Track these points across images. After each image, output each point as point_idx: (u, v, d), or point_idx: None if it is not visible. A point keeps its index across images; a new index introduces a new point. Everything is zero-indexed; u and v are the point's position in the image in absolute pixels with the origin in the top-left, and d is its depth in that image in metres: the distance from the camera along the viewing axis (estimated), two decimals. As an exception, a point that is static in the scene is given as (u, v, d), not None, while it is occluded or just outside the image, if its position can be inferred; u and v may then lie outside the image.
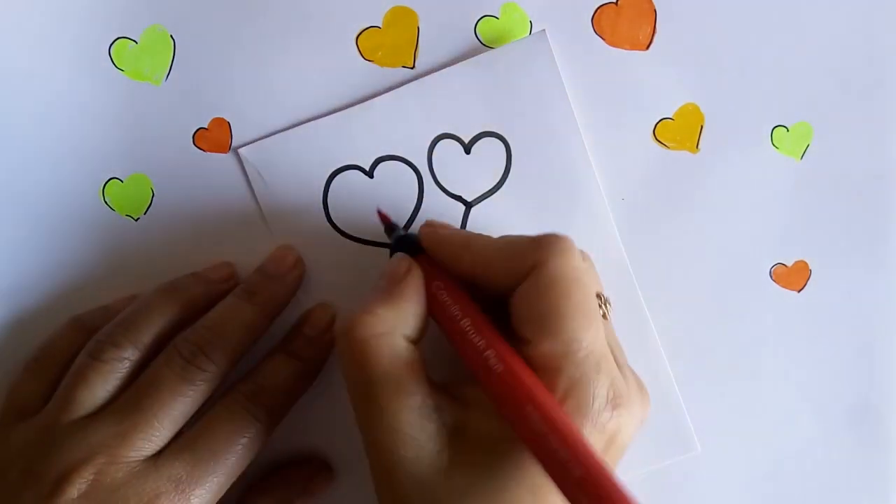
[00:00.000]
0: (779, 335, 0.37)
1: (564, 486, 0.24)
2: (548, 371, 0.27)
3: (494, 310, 0.29)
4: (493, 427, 0.27)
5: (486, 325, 0.28)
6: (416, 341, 0.29)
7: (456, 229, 0.31)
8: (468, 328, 0.28)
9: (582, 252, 0.31)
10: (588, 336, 0.27)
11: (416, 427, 0.27)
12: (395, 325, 0.28)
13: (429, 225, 0.31)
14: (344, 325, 0.28)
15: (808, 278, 0.37)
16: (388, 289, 0.29)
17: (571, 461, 0.24)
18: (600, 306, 0.30)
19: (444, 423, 0.27)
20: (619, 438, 0.27)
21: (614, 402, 0.27)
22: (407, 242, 0.31)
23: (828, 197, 0.36)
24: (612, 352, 0.29)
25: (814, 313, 0.37)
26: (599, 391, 0.27)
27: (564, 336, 0.27)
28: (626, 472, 0.36)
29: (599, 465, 0.24)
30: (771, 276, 0.36)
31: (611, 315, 0.32)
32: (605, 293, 0.32)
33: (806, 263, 0.36)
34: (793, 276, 0.37)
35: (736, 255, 0.36)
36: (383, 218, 0.33)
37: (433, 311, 0.29)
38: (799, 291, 0.37)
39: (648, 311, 0.36)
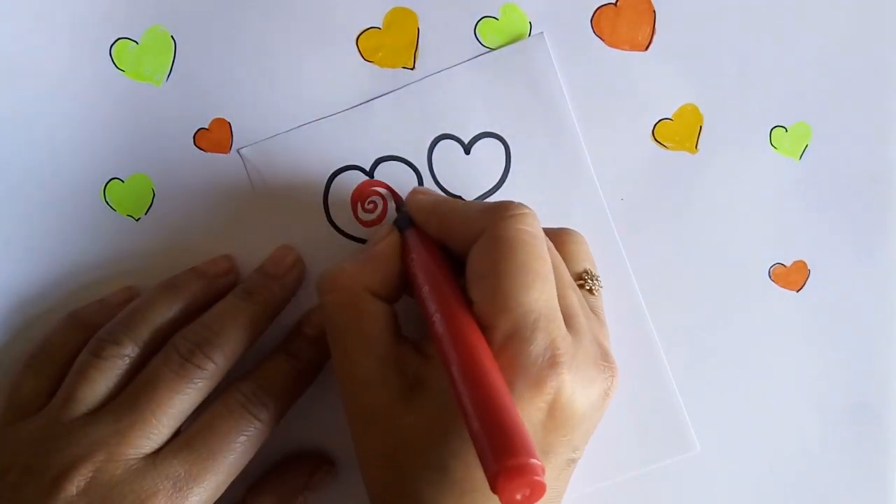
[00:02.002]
0: (778, 335, 0.37)
1: (470, 428, 0.24)
2: (487, 329, 0.28)
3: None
4: (444, 380, 0.27)
5: (447, 291, 0.29)
6: (387, 299, 0.31)
7: (434, 194, 0.33)
8: (425, 295, 0.29)
9: (572, 231, 0.33)
10: (527, 295, 0.27)
11: (375, 374, 0.29)
12: (362, 280, 0.30)
13: (413, 192, 0.34)
14: (319, 280, 0.31)
15: (807, 278, 0.37)
16: (364, 249, 0.32)
17: (473, 413, 0.24)
18: (586, 280, 0.32)
19: (405, 373, 0.29)
20: (564, 399, 0.27)
21: (552, 360, 0.27)
22: (404, 216, 0.33)
23: (826, 197, 0.36)
24: (579, 319, 0.29)
25: (812, 313, 0.37)
26: (535, 348, 0.27)
27: (500, 294, 0.27)
28: (625, 471, 0.36)
29: (507, 419, 0.24)
30: (770, 276, 0.37)
31: (598, 291, 0.32)
32: (597, 272, 0.33)
33: (805, 263, 0.37)
34: (792, 276, 0.37)
35: (735, 255, 0.36)
36: (395, 197, 0.34)
37: (406, 271, 0.31)
38: (798, 291, 0.37)
39: (648, 310, 0.36)
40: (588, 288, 0.32)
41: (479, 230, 0.29)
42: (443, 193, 0.35)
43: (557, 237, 0.32)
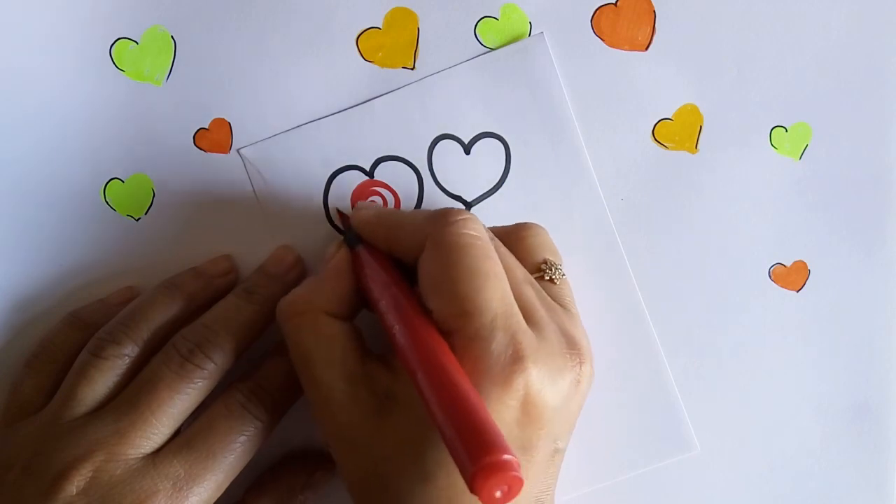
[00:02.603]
0: (778, 335, 0.37)
1: (443, 434, 0.25)
2: (447, 334, 0.28)
3: None
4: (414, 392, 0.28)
5: (404, 302, 0.29)
6: (346, 317, 0.31)
7: (376, 208, 0.34)
8: (382, 308, 0.29)
9: (531, 224, 0.33)
10: (479, 295, 0.28)
11: (345, 394, 0.29)
12: (318, 302, 0.30)
13: (356, 208, 0.34)
14: (278, 309, 0.31)
15: (807, 278, 0.37)
16: (319, 270, 0.32)
17: (443, 418, 0.24)
18: (545, 271, 0.32)
19: (375, 390, 0.29)
20: (533, 393, 0.27)
21: (515, 356, 0.27)
22: (353, 233, 0.33)
23: (827, 197, 0.36)
24: (537, 312, 0.29)
25: (813, 313, 0.37)
26: (496, 346, 0.27)
27: (454, 299, 0.28)
28: (625, 471, 0.36)
29: (477, 420, 0.24)
30: (770, 276, 0.37)
31: (562, 280, 0.32)
32: (558, 261, 0.33)
33: (805, 263, 0.37)
34: (792, 276, 0.37)
35: (735, 256, 0.36)
36: (339, 216, 0.34)
37: (362, 286, 0.31)
38: (798, 291, 0.37)
39: (647, 311, 0.36)
40: (549, 278, 0.32)
41: (424, 239, 0.29)
42: (384, 207, 0.35)
43: (514, 233, 0.32)
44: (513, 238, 0.32)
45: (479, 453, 0.23)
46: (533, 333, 0.28)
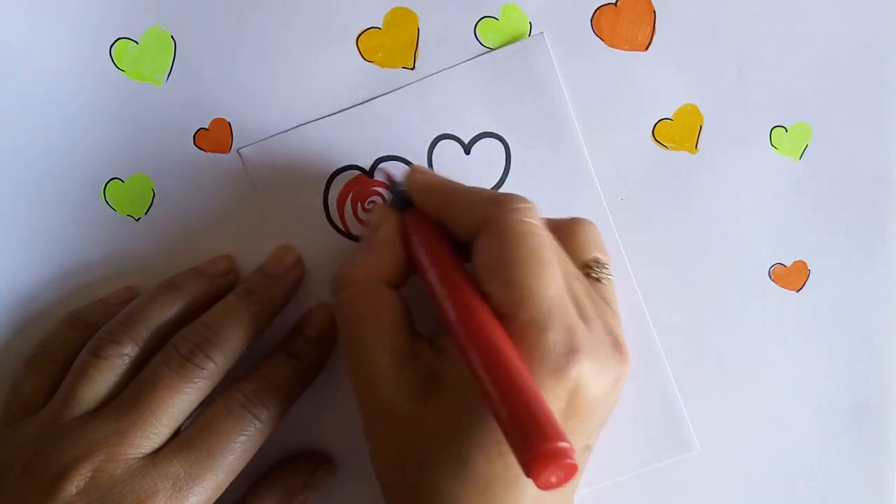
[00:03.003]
0: (778, 335, 0.37)
1: (498, 416, 0.24)
2: (503, 319, 0.28)
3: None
4: (463, 375, 0.28)
5: (457, 276, 0.29)
6: (397, 285, 0.31)
7: (433, 175, 0.33)
8: (434, 280, 0.29)
9: (583, 220, 0.33)
10: (539, 284, 0.28)
11: (392, 369, 0.29)
12: (372, 271, 0.31)
13: (413, 170, 0.33)
14: (332, 280, 0.31)
15: (807, 278, 0.37)
16: (366, 239, 0.32)
17: (505, 394, 0.24)
18: (593, 268, 0.31)
19: (421, 369, 0.29)
20: (582, 386, 0.27)
21: (570, 347, 0.27)
22: (399, 196, 0.33)
23: (827, 197, 0.36)
24: (586, 307, 0.29)
25: (813, 313, 0.37)
26: (552, 335, 0.27)
27: (514, 284, 0.28)
28: (626, 471, 0.36)
29: (530, 395, 0.24)
30: (770, 276, 0.37)
31: (608, 280, 0.32)
32: (607, 260, 0.32)
33: (805, 263, 0.37)
34: (792, 276, 0.37)
35: (735, 255, 0.36)
36: (386, 176, 0.34)
37: (412, 257, 0.31)
38: (798, 291, 0.37)
39: (647, 311, 0.36)
40: (596, 277, 0.32)
41: (482, 220, 0.29)
42: (440, 176, 0.34)
43: (566, 227, 0.32)
44: (564, 232, 0.32)
45: (536, 439, 0.23)
46: (584, 327, 0.28)
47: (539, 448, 0.23)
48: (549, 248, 0.29)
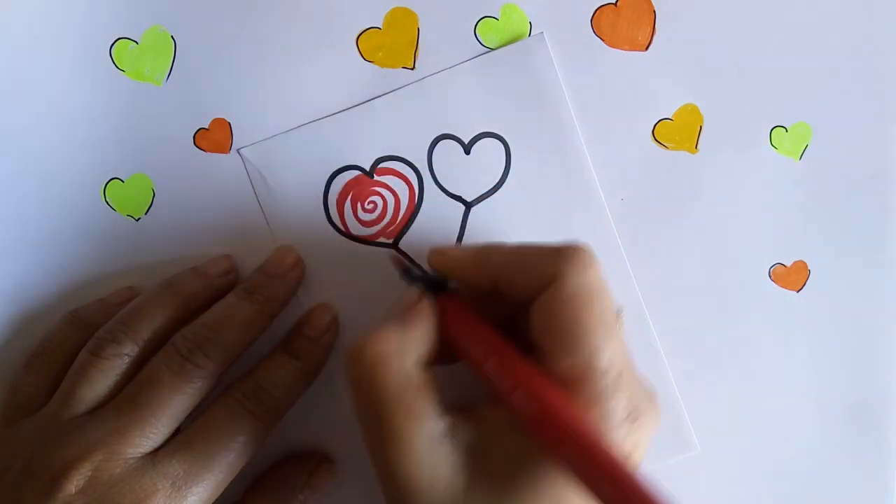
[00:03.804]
0: (778, 335, 0.37)
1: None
2: (568, 385, 0.26)
3: (510, 321, 0.29)
4: (511, 444, 0.27)
5: (511, 358, 0.27)
6: (430, 363, 0.29)
7: (465, 246, 0.31)
8: (493, 370, 0.27)
9: None
10: (609, 349, 0.26)
11: (429, 451, 0.26)
12: (404, 347, 0.28)
13: (436, 251, 0.31)
14: (353, 347, 0.28)
15: (808, 278, 0.37)
16: (398, 315, 0.29)
17: (608, 484, 0.24)
18: (619, 317, 0.31)
19: (459, 444, 0.27)
20: (635, 455, 0.27)
21: (633, 416, 0.27)
22: (423, 282, 0.31)
23: (827, 197, 0.36)
24: (630, 365, 0.28)
25: (813, 313, 0.37)
26: (619, 405, 0.26)
27: (586, 350, 0.26)
28: (625, 471, 0.36)
29: (635, 481, 0.24)
30: (770, 277, 0.37)
31: (622, 327, 0.31)
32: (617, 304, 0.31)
33: (805, 263, 0.37)
34: (792, 276, 0.37)
35: (735, 256, 0.36)
36: (397, 263, 0.33)
37: (456, 351, 0.29)
38: (798, 291, 0.37)
39: (648, 311, 0.36)
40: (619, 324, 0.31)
41: (547, 278, 0.27)
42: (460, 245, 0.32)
43: None
44: None
45: None
46: (639, 391, 0.27)
47: None
48: (613, 308, 0.27)
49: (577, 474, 0.25)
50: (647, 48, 0.35)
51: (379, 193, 0.35)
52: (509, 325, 0.30)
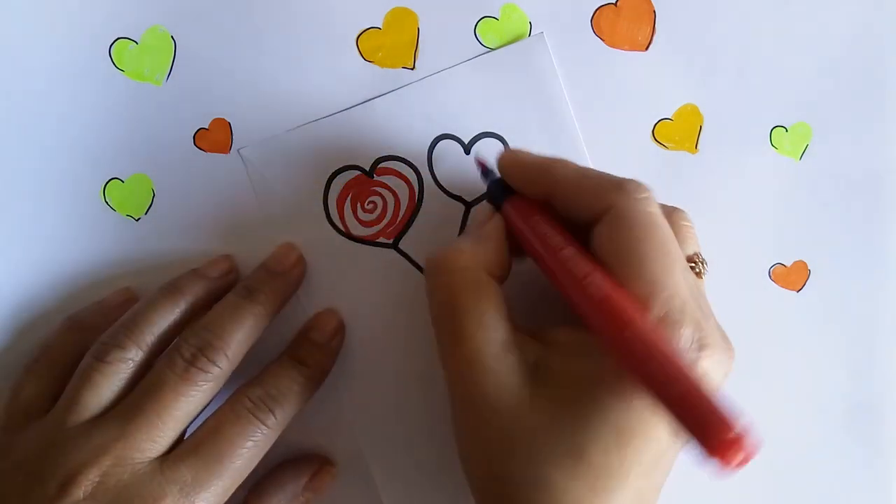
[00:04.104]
0: (778, 335, 0.37)
1: (667, 404, 0.24)
2: None
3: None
4: (576, 367, 0.27)
5: (586, 255, 0.28)
6: (500, 280, 0.30)
7: (531, 156, 0.32)
8: (570, 256, 0.28)
9: (684, 213, 0.32)
10: (670, 278, 0.27)
11: (497, 359, 0.28)
12: (479, 260, 0.29)
13: (508, 152, 0.32)
14: (431, 260, 0.30)
15: (808, 278, 0.37)
16: (472, 230, 0.31)
17: (671, 381, 0.24)
18: (697, 263, 0.31)
19: (525, 360, 0.28)
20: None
21: (700, 343, 0.27)
22: (496, 185, 0.32)
23: (827, 197, 0.36)
24: (702, 303, 0.29)
25: (813, 313, 0.37)
26: (685, 331, 0.27)
27: (646, 277, 0.27)
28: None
29: (697, 381, 0.24)
30: (770, 276, 0.37)
31: (705, 277, 0.31)
32: (703, 256, 0.32)
33: (805, 263, 0.37)
34: (792, 276, 0.37)
35: (735, 255, 0.36)
36: (480, 164, 0.34)
37: (528, 247, 0.30)
38: (798, 291, 0.37)
39: (648, 310, 0.36)
40: (697, 271, 0.31)
41: (604, 206, 0.28)
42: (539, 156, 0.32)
43: (670, 217, 0.30)
44: (670, 222, 0.30)
45: (717, 430, 0.23)
46: (707, 323, 0.28)
47: (723, 437, 0.23)
48: (674, 242, 0.28)
49: (638, 366, 0.25)
50: (647, 48, 0.35)
51: (379, 193, 0.35)
52: None
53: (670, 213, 0.31)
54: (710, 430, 0.23)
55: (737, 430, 0.23)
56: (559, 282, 0.28)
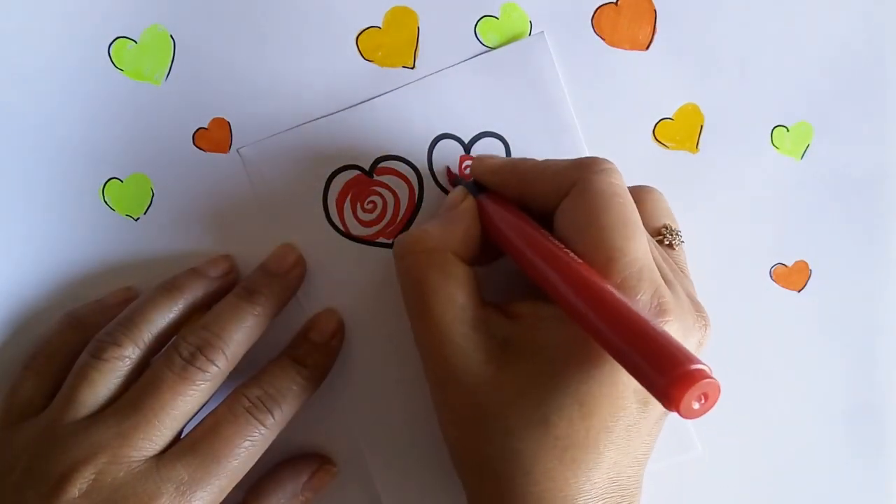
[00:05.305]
0: (779, 335, 0.37)
1: (624, 357, 0.24)
2: None
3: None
4: (539, 338, 0.28)
5: (549, 241, 0.29)
6: (469, 262, 0.31)
7: (503, 158, 0.34)
8: (526, 245, 0.29)
9: (651, 188, 0.33)
10: (628, 245, 0.28)
11: (465, 337, 0.29)
12: (446, 241, 0.30)
13: (476, 158, 0.34)
14: (399, 242, 0.31)
15: (808, 278, 0.37)
16: (442, 213, 0.32)
17: (627, 332, 0.24)
18: (665, 235, 0.32)
19: (493, 335, 0.29)
20: None
21: (658, 309, 0.27)
22: (468, 186, 0.33)
23: (828, 197, 0.36)
24: (666, 271, 0.29)
25: (814, 313, 0.37)
26: (643, 297, 0.27)
27: (604, 245, 0.28)
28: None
29: (650, 326, 0.24)
30: (771, 276, 0.36)
31: (680, 246, 0.32)
32: (677, 227, 0.32)
33: (806, 263, 0.36)
34: (793, 276, 0.37)
35: (736, 255, 0.36)
36: (450, 175, 0.35)
37: (497, 232, 0.31)
38: (799, 291, 0.37)
39: (648, 311, 0.36)
40: (668, 243, 0.32)
41: (568, 185, 0.29)
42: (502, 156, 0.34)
43: (636, 195, 0.31)
44: (635, 198, 0.31)
45: (670, 364, 0.22)
46: (669, 290, 0.28)
47: (675, 371, 0.22)
48: (635, 212, 0.29)
49: (594, 323, 0.25)
50: (647, 47, 0.35)
51: (379, 193, 0.35)
52: None
53: (635, 190, 0.32)
54: (662, 366, 0.23)
55: (689, 366, 0.22)
56: (522, 257, 0.29)
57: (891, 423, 0.37)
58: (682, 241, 0.32)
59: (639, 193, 0.32)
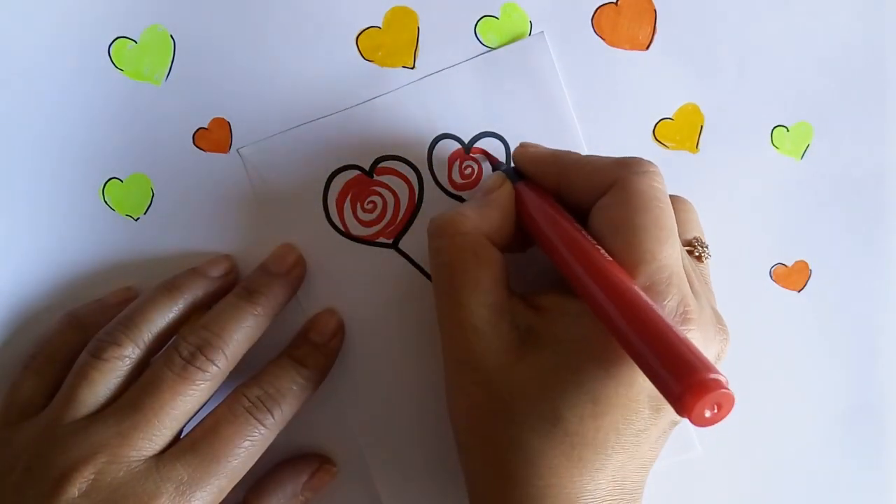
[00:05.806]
0: (779, 335, 0.37)
1: (642, 358, 0.24)
2: None
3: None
4: (561, 332, 0.28)
5: (582, 234, 0.29)
6: (501, 248, 0.31)
7: (547, 148, 0.33)
8: (559, 237, 0.29)
9: (684, 199, 0.33)
10: (661, 250, 0.27)
11: (489, 323, 0.29)
12: (480, 226, 0.30)
13: (521, 145, 0.34)
14: (434, 222, 0.31)
15: (809, 278, 0.37)
16: (479, 197, 0.32)
17: (648, 332, 0.24)
18: (696, 247, 0.32)
19: (517, 325, 0.29)
20: None
21: (683, 317, 0.27)
22: (508, 172, 0.33)
23: (828, 197, 0.36)
24: (694, 281, 0.29)
25: (814, 313, 0.37)
26: (669, 303, 0.27)
27: (638, 246, 0.27)
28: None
29: (673, 331, 0.24)
30: (771, 276, 0.36)
31: (706, 260, 0.32)
32: (706, 241, 0.32)
33: (806, 263, 0.36)
34: (793, 276, 0.37)
35: (736, 255, 0.36)
36: (492, 160, 0.35)
37: (531, 221, 0.31)
38: (799, 291, 0.37)
39: (648, 311, 0.36)
40: (697, 255, 0.32)
41: (609, 183, 0.29)
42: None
43: (673, 202, 0.31)
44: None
45: (688, 371, 0.22)
46: (695, 300, 0.28)
47: (689, 379, 0.22)
48: (672, 218, 0.29)
49: (613, 327, 0.25)
50: (647, 47, 0.35)
51: (379, 193, 0.35)
52: None
53: (675, 200, 0.31)
54: (680, 372, 0.23)
55: (706, 375, 0.22)
56: (553, 249, 0.29)
57: (890, 423, 0.37)
58: (710, 256, 0.32)
59: (673, 203, 0.31)
